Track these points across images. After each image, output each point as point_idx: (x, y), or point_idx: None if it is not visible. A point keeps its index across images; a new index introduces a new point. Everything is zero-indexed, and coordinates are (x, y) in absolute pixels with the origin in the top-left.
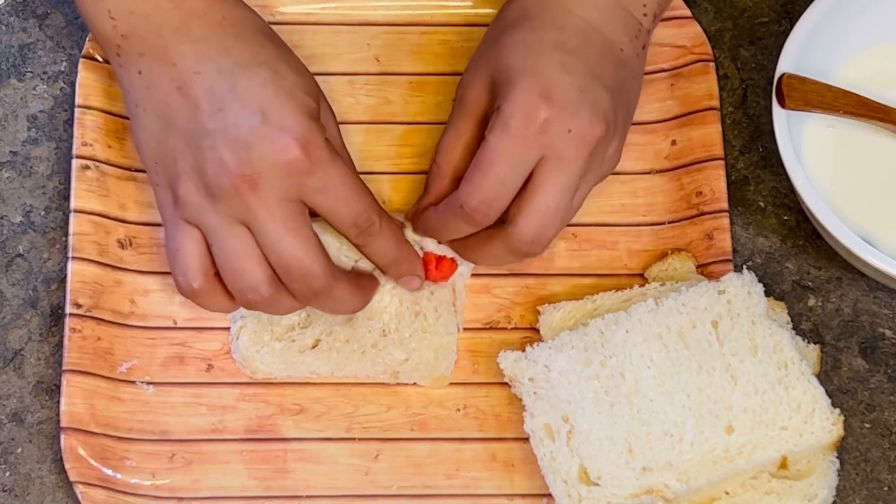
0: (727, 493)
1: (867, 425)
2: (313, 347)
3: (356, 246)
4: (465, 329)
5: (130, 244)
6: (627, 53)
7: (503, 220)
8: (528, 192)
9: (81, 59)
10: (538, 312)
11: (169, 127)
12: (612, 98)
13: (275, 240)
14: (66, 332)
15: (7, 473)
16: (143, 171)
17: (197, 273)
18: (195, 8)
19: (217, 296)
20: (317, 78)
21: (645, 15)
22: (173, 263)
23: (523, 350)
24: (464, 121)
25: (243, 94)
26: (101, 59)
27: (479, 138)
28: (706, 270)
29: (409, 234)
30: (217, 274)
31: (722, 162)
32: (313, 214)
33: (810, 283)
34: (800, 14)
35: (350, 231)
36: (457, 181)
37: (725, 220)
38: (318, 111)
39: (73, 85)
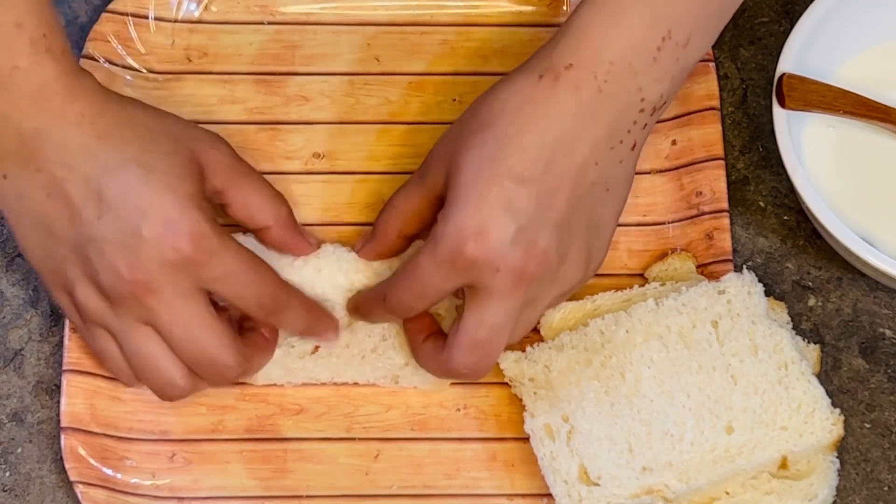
0: (727, 493)
1: (867, 425)
2: (312, 353)
3: (265, 323)
4: None
5: None
6: (604, 165)
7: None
8: (459, 324)
9: (81, 59)
10: None
11: (51, 236)
12: (561, 230)
13: (181, 338)
14: (66, 332)
15: (7, 473)
16: None
17: (128, 372)
18: (53, 108)
19: None
20: (317, 78)
21: (642, 111)
22: (104, 364)
23: (523, 350)
24: (418, 192)
25: (119, 199)
26: (101, 60)
27: (428, 208)
28: (706, 270)
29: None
30: None
31: (722, 162)
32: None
33: (810, 283)
34: (800, 14)
35: (258, 313)
36: (402, 238)
37: (725, 220)
38: (201, 189)
39: None
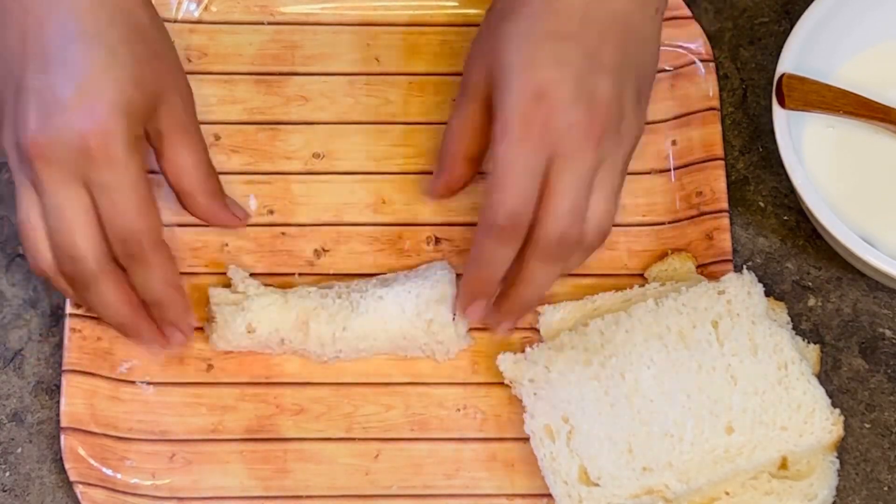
0: (727, 494)
1: (867, 425)
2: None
3: (124, 268)
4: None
5: None
6: (637, 19)
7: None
8: (544, 198)
9: None
10: (538, 312)
11: (8, 74)
12: (615, 78)
13: (52, 207)
14: (66, 332)
15: (7, 473)
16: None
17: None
18: None
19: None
20: (317, 78)
21: None
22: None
23: (523, 351)
24: (468, 105)
25: (70, 63)
26: None
27: (484, 119)
28: (706, 270)
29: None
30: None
31: (722, 162)
32: None
33: (810, 283)
34: (800, 14)
35: (118, 247)
36: (469, 161)
37: (725, 220)
38: (146, 114)
39: None
